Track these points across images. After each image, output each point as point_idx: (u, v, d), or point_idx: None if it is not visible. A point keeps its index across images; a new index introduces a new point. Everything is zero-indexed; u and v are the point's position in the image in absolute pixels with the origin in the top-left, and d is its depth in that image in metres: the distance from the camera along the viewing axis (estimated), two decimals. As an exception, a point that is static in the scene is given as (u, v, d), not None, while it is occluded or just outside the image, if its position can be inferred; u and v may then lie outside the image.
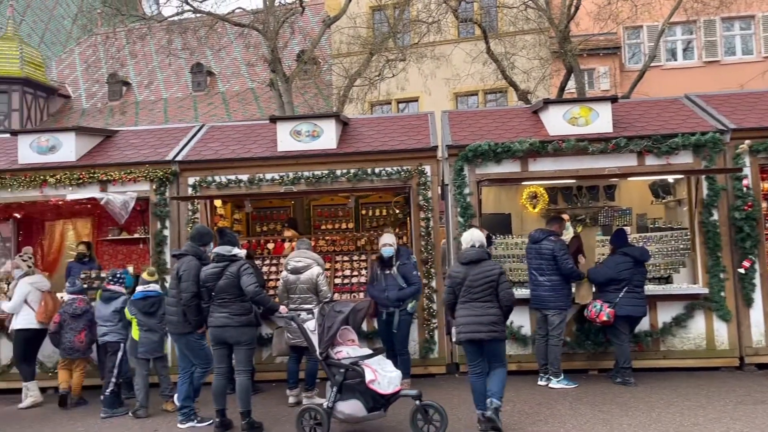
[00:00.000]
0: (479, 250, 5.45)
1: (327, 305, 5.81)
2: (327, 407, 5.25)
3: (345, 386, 5.21)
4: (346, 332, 5.58)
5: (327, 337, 5.33)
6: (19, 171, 8.11)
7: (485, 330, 5.24)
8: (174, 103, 27.26)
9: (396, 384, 5.25)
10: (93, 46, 27.86)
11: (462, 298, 5.38)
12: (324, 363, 5.37)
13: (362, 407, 5.16)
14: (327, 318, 5.44)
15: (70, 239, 9.95)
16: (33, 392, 7.11)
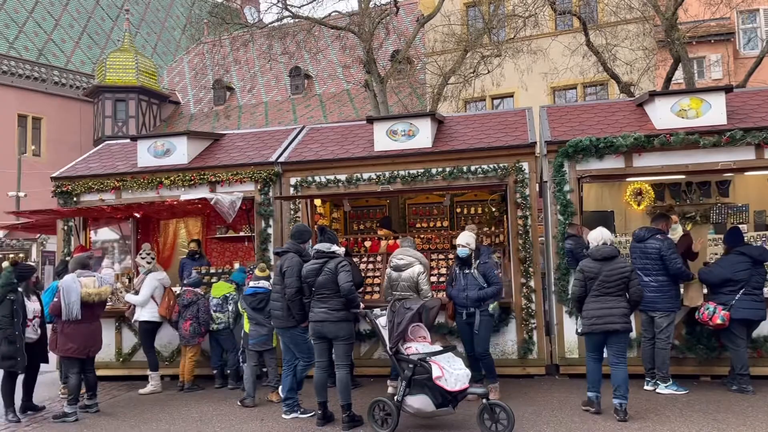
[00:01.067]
0: (612, 247, 5.84)
1: (398, 302, 5.92)
2: (397, 400, 5.42)
3: (414, 381, 5.35)
4: (417, 329, 5.69)
5: (397, 333, 5.47)
6: (139, 173, 8.76)
7: (619, 321, 5.65)
8: (274, 106, 28.34)
9: (463, 382, 5.30)
10: (200, 55, 29.53)
11: (594, 292, 5.74)
12: (394, 358, 5.52)
13: (430, 402, 5.29)
14: (397, 314, 5.57)
15: (182, 237, 10.59)
16: (154, 381, 7.67)
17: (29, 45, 32.00)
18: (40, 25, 33.31)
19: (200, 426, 6.13)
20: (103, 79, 28.77)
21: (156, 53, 37.85)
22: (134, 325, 8.04)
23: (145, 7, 40.51)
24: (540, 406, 6.19)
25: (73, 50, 34.19)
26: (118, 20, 36.33)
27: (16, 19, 32.27)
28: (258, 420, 6.24)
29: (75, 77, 31.71)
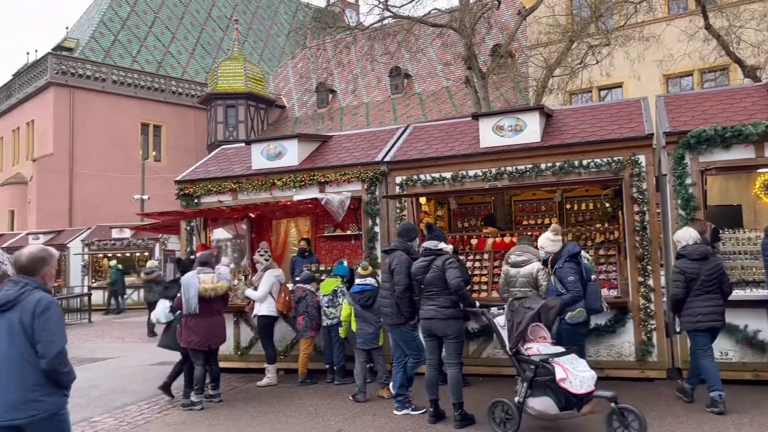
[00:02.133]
0: (706, 246, 5.97)
1: (517, 301, 5.77)
2: (518, 402, 5.27)
3: (536, 383, 5.20)
4: (537, 329, 5.52)
5: (516, 333, 5.34)
6: (253, 176, 9.18)
7: (721, 319, 5.89)
8: (374, 107, 28.76)
9: (589, 384, 5.07)
10: (303, 60, 30.53)
11: (696, 291, 5.82)
12: (514, 358, 5.39)
13: (554, 405, 5.11)
14: (516, 314, 5.43)
15: (292, 236, 10.98)
16: (271, 374, 8.02)
17: (149, 58, 34.45)
18: (159, 39, 35.77)
19: (315, 419, 6.33)
20: (215, 86, 30.45)
21: (262, 60, 39.54)
22: (253, 320, 8.45)
23: (252, 16, 42.43)
24: (662, 412, 5.88)
25: (188, 61, 36.45)
26: (228, 30, 38.29)
27: (138, 35, 34.85)
28: (370, 415, 6.35)
29: (190, 86, 33.80)
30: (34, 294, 3.55)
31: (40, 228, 26.12)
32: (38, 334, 3.47)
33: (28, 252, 3.69)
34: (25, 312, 3.49)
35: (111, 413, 6.94)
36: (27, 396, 3.48)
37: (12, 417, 3.46)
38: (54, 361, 3.47)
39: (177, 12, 37.93)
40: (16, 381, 3.48)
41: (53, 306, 3.55)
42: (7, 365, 3.50)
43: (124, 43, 33.80)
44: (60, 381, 3.56)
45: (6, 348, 3.50)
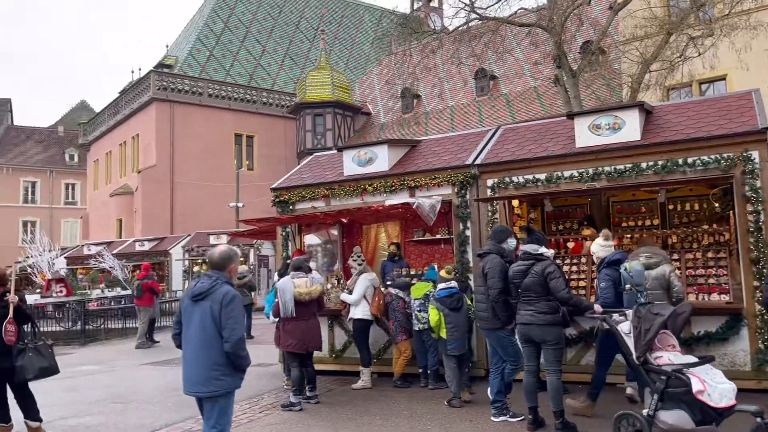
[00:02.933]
0: None
1: (642, 307, 5.47)
2: (648, 415, 4.94)
3: (667, 395, 4.85)
4: (665, 337, 5.17)
5: (644, 341, 5.04)
6: (345, 182, 9.34)
7: None
8: (459, 110, 28.58)
9: (730, 398, 4.68)
10: (388, 66, 30.79)
11: None
12: (642, 368, 5.07)
13: (689, 419, 4.74)
14: (644, 320, 5.12)
15: (382, 241, 11.07)
16: (366, 377, 8.11)
17: (242, 71, 35.95)
18: (251, 52, 37.26)
19: (411, 423, 6.33)
20: (303, 96, 31.32)
21: (348, 68, 40.30)
22: (348, 324, 8.58)
23: (338, 26, 43.38)
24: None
25: (278, 72, 37.75)
26: (315, 41, 39.34)
27: (231, 50, 36.47)
28: (467, 421, 6.28)
29: (280, 97, 34.96)
30: (223, 287, 4.21)
31: (145, 235, 27.81)
32: (224, 321, 4.12)
33: (218, 251, 4.38)
34: (215, 302, 4.15)
35: (216, 411, 7.23)
36: (210, 374, 4.15)
37: (197, 390, 4.20)
38: (235, 345, 4.12)
39: (267, 26, 39.37)
40: (203, 360, 4.16)
41: (237, 299, 4.22)
42: (197, 346, 4.19)
43: (218, 58, 35.46)
44: (239, 364, 4.21)
45: (198, 332, 4.18)
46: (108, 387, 9.13)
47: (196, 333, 4.19)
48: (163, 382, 9.37)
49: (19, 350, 6.03)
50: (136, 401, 8.04)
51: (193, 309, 4.23)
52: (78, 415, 7.39)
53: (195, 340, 4.20)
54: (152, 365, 11.08)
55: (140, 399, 8.15)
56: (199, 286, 4.26)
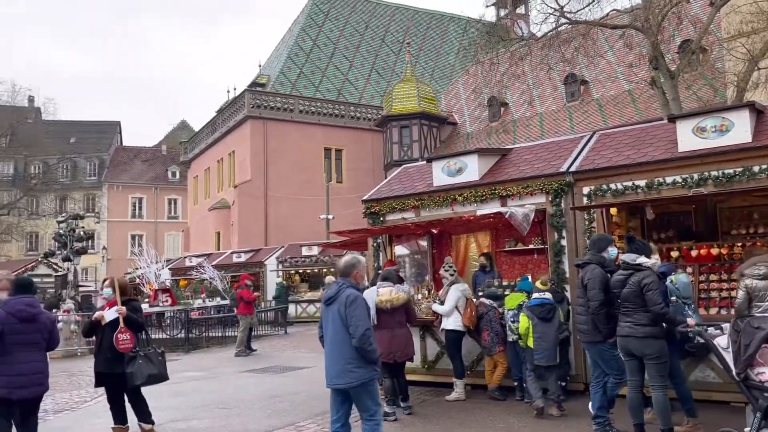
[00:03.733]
0: None
1: (741, 320, 5.12)
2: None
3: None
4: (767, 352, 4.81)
5: (745, 356, 4.73)
6: (434, 192, 9.35)
7: None
8: (549, 116, 27.94)
9: None
10: (474, 75, 30.60)
11: None
12: (742, 385, 4.77)
13: None
14: (743, 334, 4.79)
15: (472, 251, 10.96)
16: (459, 389, 8.04)
17: (330, 87, 36.90)
18: (338, 68, 38.20)
19: (508, 436, 6.21)
20: (389, 109, 31.70)
21: (433, 79, 40.44)
22: (440, 334, 8.55)
23: (423, 38, 43.68)
24: None
25: (365, 86, 38.46)
26: (401, 54, 39.78)
27: (320, 66, 37.55)
28: (566, 436, 6.09)
29: (367, 110, 35.59)
30: (347, 290, 4.85)
31: (242, 247, 29.00)
32: (349, 319, 4.72)
33: (344, 260, 5.09)
34: (341, 304, 4.79)
35: (313, 419, 7.41)
36: (345, 367, 4.77)
37: (336, 383, 4.84)
38: (361, 340, 4.68)
39: (354, 41, 40.25)
40: (338, 356, 4.80)
41: (359, 299, 4.83)
42: (333, 344, 4.83)
43: (308, 75, 36.59)
44: (368, 357, 4.76)
45: (332, 332, 4.83)
46: (211, 393, 9.56)
47: (331, 333, 4.84)
48: (262, 389, 9.69)
49: (130, 357, 6.38)
50: (238, 407, 8.36)
51: (327, 312, 4.91)
52: (186, 419, 7.78)
53: (331, 339, 4.85)
54: (251, 373, 11.50)
55: (242, 405, 8.47)
56: (329, 292, 4.94)
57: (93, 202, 50.77)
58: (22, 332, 5.34)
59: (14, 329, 5.30)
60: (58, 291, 20.59)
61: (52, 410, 8.65)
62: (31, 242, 47.91)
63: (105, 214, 50.25)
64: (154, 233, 50.40)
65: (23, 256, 42.60)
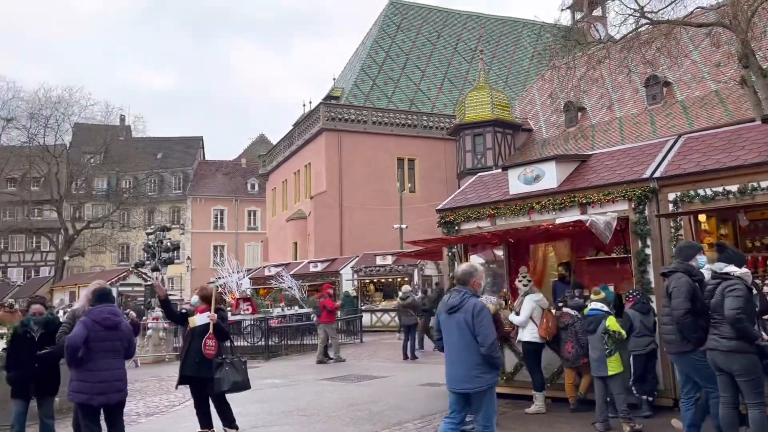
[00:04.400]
0: None
1: None
2: None
3: None
4: None
5: None
6: (511, 201, 9.21)
7: None
8: (629, 120, 26.96)
9: None
10: (549, 81, 30.01)
11: None
12: None
13: None
14: None
15: (551, 260, 10.69)
16: (539, 402, 7.86)
17: (403, 97, 37.15)
18: (410, 78, 38.42)
19: (592, 452, 6.00)
20: (462, 117, 31.53)
21: (507, 85, 39.94)
22: (517, 346, 8.40)
23: (496, 45, 43.27)
24: None
25: (437, 96, 38.47)
26: (473, 61, 39.56)
27: (393, 77, 37.90)
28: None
29: (439, 119, 35.56)
30: (471, 299, 5.04)
31: (318, 257, 29.55)
32: (477, 329, 4.91)
33: (461, 269, 5.28)
34: (467, 313, 4.96)
35: (390, 429, 7.44)
36: (471, 373, 4.95)
37: (463, 387, 5.04)
38: (488, 348, 4.88)
39: (426, 51, 40.38)
40: (464, 362, 4.98)
41: (485, 309, 5.04)
42: (458, 350, 5.03)
43: (381, 86, 36.99)
44: (493, 363, 4.99)
45: (458, 339, 5.03)
46: (291, 400, 9.77)
47: (456, 340, 5.04)
48: (340, 397, 9.82)
49: (217, 364, 6.65)
50: (317, 414, 8.50)
51: (450, 320, 5.08)
52: (267, 425, 7.98)
53: (456, 345, 5.06)
54: (329, 381, 11.67)
55: (320, 413, 8.60)
56: (451, 300, 5.12)
57: (178, 214, 53.19)
58: (105, 339, 5.61)
59: (99, 336, 5.57)
60: (147, 299, 21.69)
61: (144, 413, 9.10)
62: (122, 253, 50.70)
63: (189, 225, 52.52)
64: (234, 244, 52.21)
65: (116, 266, 45.19)
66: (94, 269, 45.26)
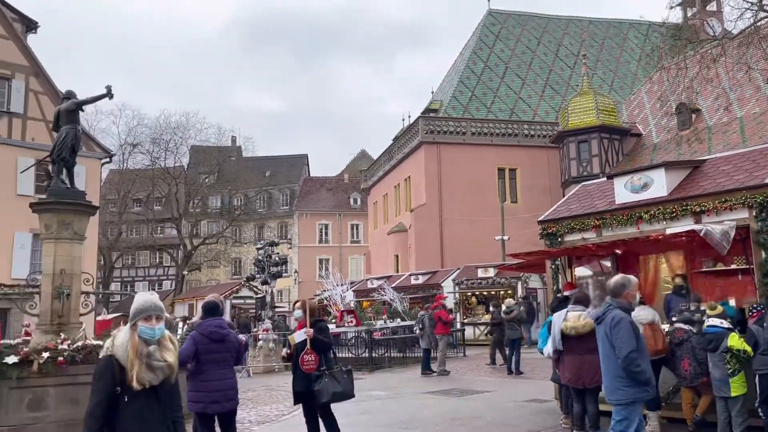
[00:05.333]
0: None
1: None
2: None
3: None
4: None
5: None
6: (617, 210, 8.85)
7: None
8: (751, 120, 25.07)
9: None
10: (659, 82, 28.48)
11: None
12: None
13: None
14: None
15: (663, 272, 10.13)
16: (653, 422, 7.43)
17: (503, 107, 36.67)
18: (510, 87, 37.86)
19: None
20: (566, 124, 30.61)
21: (613, 89, 38.37)
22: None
23: (600, 48, 41.75)
24: None
25: (538, 103, 37.62)
26: (576, 67, 38.40)
27: (491, 87, 37.52)
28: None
29: (541, 127, 34.74)
30: (613, 311, 5.04)
31: (419, 269, 29.68)
32: (614, 340, 4.93)
33: (614, 281, 5.28)
34: (606, 325, 5.04)
35: (494, 445, 7.33)
36: (613, 384, 5.00)
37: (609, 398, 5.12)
38: (625, 361, 4.85)
39: (525, 59, 39.67)
40: (606, 373, 5.10)
41: (624, 321, 4.97)
42: (604, 361, 5.13)
43: (479, 97, 36.74)
44: (635, 377, 4.89)
45: (601, 349, 5.14)
46: (394, 412, 9.86)
47: (601, 351, 5.14)
48: (442, 411, 9.79)
49: (316, 376, 6.68)
50: (419, 428, 8.53)
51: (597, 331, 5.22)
52: (370, 436, 8.11)
53: (601, 357, 5.15)
54: (432, 394, 11.66)
55: (423, 426, 8.62)
56: (596, 311, 5.30)
57: (285, 229, 55.41)
58: (214, 351, 5.93)
59: (208, 349, 5.90)
60: (258, 312, 22.73)
61: (256, 422, 9.52)
62: (235, 267, 53.47)
63: (296, 240, 54.54)
64: (339, 257, 53.55)
65: (229, 280, 47.70)
66: (210, 283, 48.00)
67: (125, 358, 3.45)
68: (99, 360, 3.67)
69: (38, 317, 9.48)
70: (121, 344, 3.51)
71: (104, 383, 3.44)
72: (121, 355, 3.47)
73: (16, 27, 22.89)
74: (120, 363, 3.47)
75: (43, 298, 9.30)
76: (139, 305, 3.62)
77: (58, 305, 9.12)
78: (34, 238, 19.62)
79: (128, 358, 3.44)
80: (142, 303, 3.64)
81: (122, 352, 3.48)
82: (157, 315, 3.61)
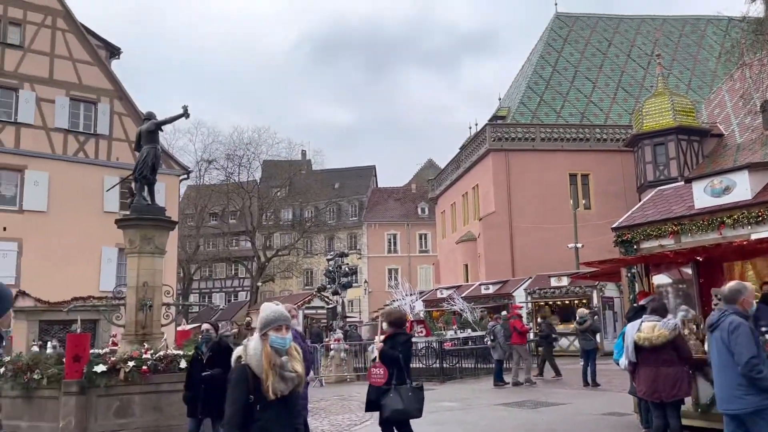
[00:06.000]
0: None
1: None
2: None
3: None
4: None
5: None
6: (696, 216, 8.47)
7: None
8: None
9: None
10: (741, 80, 27.05)
11: None
12: None
13: None
14: None
15: (750, 280, 9.61)
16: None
17: (573, 111, 35.81)
18: (580, 90, 36.95)
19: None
20: (640, 127, 29.55)
21: (690, 89, 36.80)
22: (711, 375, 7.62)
23: (675, 47, 40.16)
24: None
25: (611, 106, 36.51)
26: (650, 67, 37.07)
27: (561, 92, 36.74)
28: None
29: (614, 131, 33.69)
30: (729, 317, 4.89)
31: (489, 279, 29.29)
32: (733, 347, 4.76)
33: (728, 287, 5.12)
34: (723, 330, 4.87)
35: (570, 459, 7.13)
36: (732, 393, 4.81)
37: (725, 408, 4.90)
38: (745, 368, 4.68)
39: (596, 61, 38.64)
40: (724, 381, 4.89)
41: (742, 326, 4.79)
42: (719, 370, 4.96)
43: (548, 102, 36.04)
44: (757, 385, 4.69)
45: (717, 358, 4.97)
46: (466, 424, 9.76)
47: (716, 359, 4.98)
48: (516, 423, 9.61)
49: (383, 390, 6.42)
50: (492, 440, 8.40)
51: (711, 339, 5.06)
52: (442, 447, 8.05)
53: (716, 364, 4.99)
54: (505, 406, 11.46)
55: (495, 438, 8.49)
56: (710, 318, 5.09)
57: (355, 240, 56.06)
58: None
59: None
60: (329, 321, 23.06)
61: (329, 431, 9.65)
62: (307, 277, 54.51)
63: (365, 250, 55.05)
64: (407, 266, 53.62)
65: (301, 290, 48.67)
66: (283, 293, 49.12)
67: (259, 367, 3.53)
68: (233, 368, 3.72)
69: (124, 328, 10.01)
70: (254, 354, 3.57)
71: (240, 391, 3.53)
72: (254, 365, 3.55)
73: (101, 53, 24.40)
74: (254, 371, 3.54)
75: (128, 309, 9.82)
76: (268, 315, 3.68)
77: (142, 316, 9.60)
78: (120, 253, 20.74)
79: (263, 368, 3.52)
80: (272, 313, 3.70)
81: (255, 362, 3.55)
82: (287, 325, 3.69)
